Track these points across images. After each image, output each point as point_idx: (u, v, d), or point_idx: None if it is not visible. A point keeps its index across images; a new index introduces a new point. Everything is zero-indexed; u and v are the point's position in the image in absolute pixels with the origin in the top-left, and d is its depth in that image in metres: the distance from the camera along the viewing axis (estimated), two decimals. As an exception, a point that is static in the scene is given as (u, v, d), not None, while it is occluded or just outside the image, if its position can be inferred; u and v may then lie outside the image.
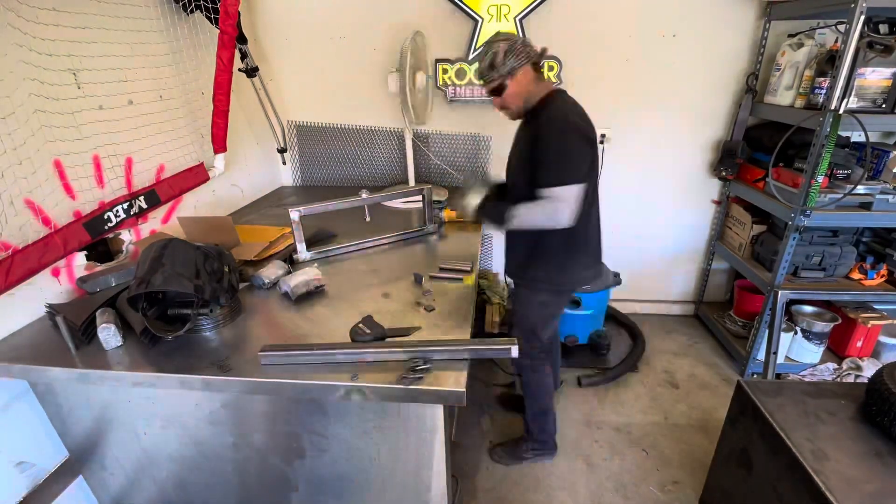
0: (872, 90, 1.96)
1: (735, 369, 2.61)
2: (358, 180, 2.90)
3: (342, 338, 1.26)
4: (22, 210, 1.29)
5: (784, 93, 2.25)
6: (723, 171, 2.56)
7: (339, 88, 2.67)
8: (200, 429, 1.30)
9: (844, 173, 2.12)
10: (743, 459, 1.53)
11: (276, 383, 1.11)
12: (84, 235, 1.45)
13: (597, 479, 1.95)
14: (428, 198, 1.93)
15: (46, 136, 1.36)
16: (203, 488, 1.44)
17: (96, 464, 1.44)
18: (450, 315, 1.37)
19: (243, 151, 2.48)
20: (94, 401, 1.30)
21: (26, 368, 1.20)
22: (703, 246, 2.96)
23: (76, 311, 1.29)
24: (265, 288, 1.53)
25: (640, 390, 2.45)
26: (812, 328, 2.35)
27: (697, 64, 2.48)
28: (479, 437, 2.16)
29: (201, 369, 1.14)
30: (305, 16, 2.51)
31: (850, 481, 1.18)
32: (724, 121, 2.60)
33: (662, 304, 3.16)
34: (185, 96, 1.93)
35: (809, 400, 1.46)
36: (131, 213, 1.63)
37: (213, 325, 1.31)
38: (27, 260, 1.27)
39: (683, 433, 2.17)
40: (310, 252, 1.77)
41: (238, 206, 2.43)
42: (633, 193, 2.81)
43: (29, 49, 1.30)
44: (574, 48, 2.48)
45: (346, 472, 1.30)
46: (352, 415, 1.20)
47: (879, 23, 1.92)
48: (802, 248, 2.26)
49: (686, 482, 1.93)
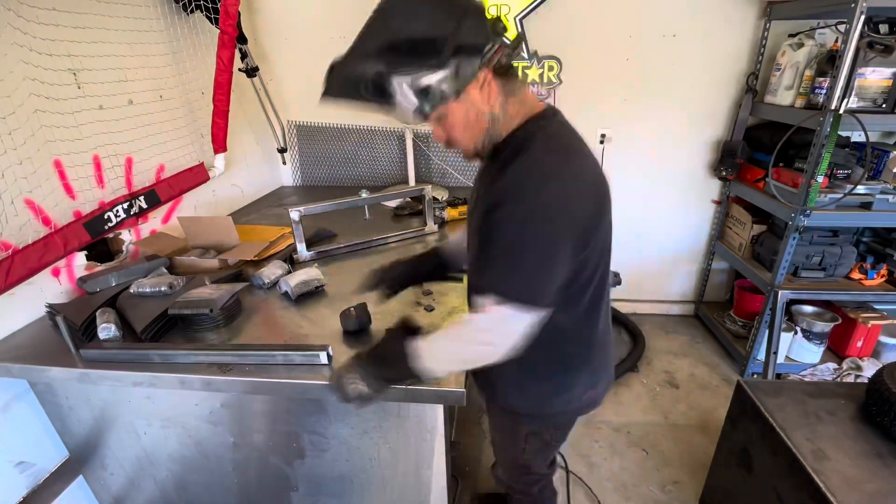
0: (873, 90, 1.96)
1: (735, 369, 2.61)
2: (358, 180, 2.90)
3: (342, 337, 1.26)
4: (22, 210, 1.29)
5: (784, 93, 2.25)
6: (723, 170, 2.56)
7: (340, 88, 2.66)
8: (200, 429, 1.30)
9: (844, 173, 2.12)
10: (743, 459, 1.53)
11: (276, 383, 1.11)
12: (84, 235, 1.45)
13: (597, 479, 1.95)
14: (428, 198, 1.93)
15: (46, 136, 1.36)
16: (203, 488, 1.44)
17: (96, 463, 1.44)
18: (450, 315, 1.37)
19: (243, 151, 2.48)
20: (95, 400, 1.30)
21: (26, 368, 1.20)
22: (703, 246, 2.96)
23: (76, 311, 1.29)
24: (265, 288, 1.53)
25: (640, 390, 2.45)
26: (812, 328, 2.35)
27: (697, 64, 2.48)
28: (479, 437, 2.16)
29: (201, 369, 1.14)
30: (305, 16, 2.51)
31: (851, 481, 1.18)
32: (724, 121, 2.60)
33: (662, 304, 3.16)
34: (185, 96, 1.93)
35: (809, 400, 1.45)
36: (131, 213, 1.63)
37: (212, 324, 1.31)
38: (27, 260, 1.27)
39: (683, 433, 2.17)
40: (310, 252, 1.77)
41: (238, 206, 2.43)
42: (633, 193, 2.81)
43: (29, 49, 1.30)
44: (574, 48, 2.48)
45: (346, 472, 1.30)
46: (352, 415, 1.20)
47: (879, 23, 1.92)
48: (802, 248, 2.26)
49: (686, 482, 1.93)
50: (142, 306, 1.31)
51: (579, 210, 0.85)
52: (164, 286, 1.36)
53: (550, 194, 0.82)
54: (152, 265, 1.50)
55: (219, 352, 1.16)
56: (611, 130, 2.63)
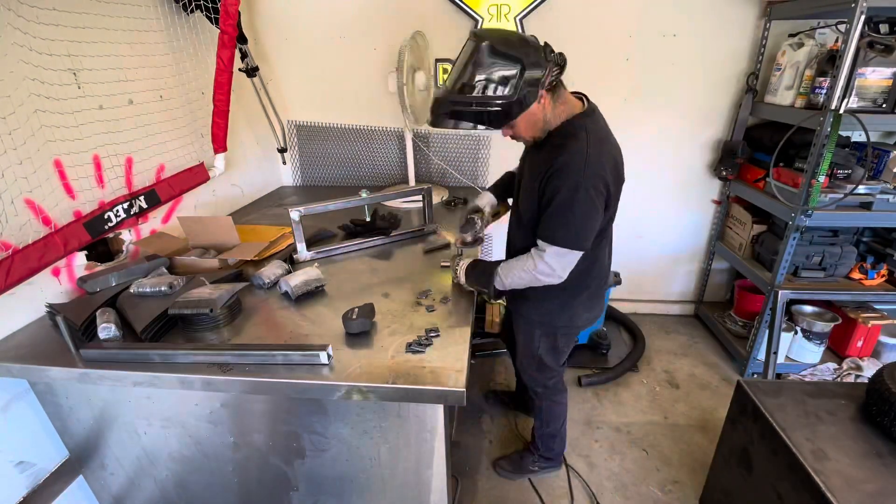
0: (873, 90, 1.96)
1: (735, 369, 2.61)
2: (358, 180, 2.90)
3: (342, 337, 1.26)
4: (22, 210, 1.29)
5: (784, 92, 2.25)
6: (723, 170, 2.56)
7: (339, 88, 2.67)
8: (200, 428, 1.30)
9: (845, 173, 2.12)
10: (743, 459, 1.53)
11: (276, 383, 1.11)
12: (84, 235, 1.45)
13: (597, 479, 1.95)
14: (428, 198, 1.93)
15: (46, 135, 1.36)
16: (203, 488, 1.44)
17: (96, 463, 1.44)
18: (450, 314, 1.37)
19: (243, 151, 2.48)
20: (95, 400, 1.30)
21: (26, 368, 1.20)
22: (704, 246, 2.96)
23: (76, 311, 1.29)
24: (265, 288, 1.53)
25: (640, 390, 2.45)
26: (812, 328, 2.35)
27: (697, 64, 2.48)
28: (480, 437, 2.16)
29: (201, 369, 1.14)
30: (305, 16, 2.51)
31: (851, 481, 1.18)
32: (724, 120, 2.60)
33: (662, 303, 3.16)
34: (185, 96, 1.93)
35: (809, 400, 1.45)
36: (131, 213, 1.63)
37: (212, 324, 1.31)
38: (27, 260, 1.27)
39: (683, 433, 2.17)
40: (310, 252, 1.77)
41: (238, 205, 2.44)
42: (634, 193, 2.79)
43: (29, 49, 1.30)
44: (574, 48, 2.45)
45: (347, 472, 1.30)
46: (352, 414, 1.20)
47: (880, 22, 1.92)
48: (803, 247, 2.26)
49: (686, 482, 1.93)
50: (142, 306, 1.31)
51: (607, 182, 1.24)
52: (164, 286, 1.36)
53: (590, 172, 1.21)
54: (152, 265, 1.51)
55: (219, 352, 1.17)
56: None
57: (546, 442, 1.88)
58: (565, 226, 1.24)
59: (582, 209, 1.22)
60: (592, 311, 1.56)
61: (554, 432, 1.86)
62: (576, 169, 1.20)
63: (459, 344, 1.22)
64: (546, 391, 1.74)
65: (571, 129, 1.25)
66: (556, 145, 1.26)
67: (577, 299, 1.49)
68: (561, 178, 1.21)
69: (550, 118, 1.26)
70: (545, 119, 1.25)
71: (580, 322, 1.55)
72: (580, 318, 1.54)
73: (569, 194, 1.21)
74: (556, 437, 1.87)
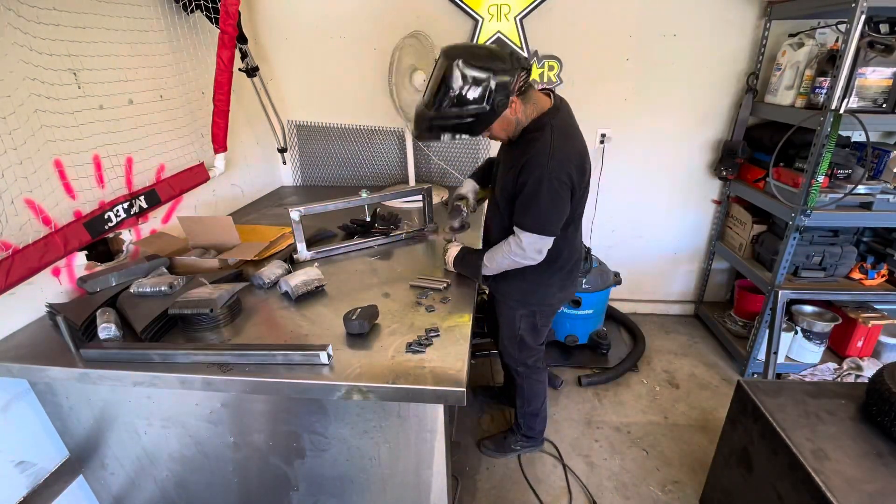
0: (873, 90, 1.96)
1: (735, 369, 2.61)
2: (358, 180, 2.90)
3: (342, 337, 1.26)
4: (22, 210, 1.29)
5: (784, 92, 2.25)
6: (723, 170, 2.56)
7: (339, 88, 2.67)
8: (201, 428, 1.30)
9: (845, 173, 2.12)
10: (743, 459, 1.53)
11: (276, 383, 1.11)
12: (84, 235, 1.45)
13: (597, 479, 1.95)
14: (428, 198, 1.93)
15: (46, 135, 1.36)
16: (203, 488, 1.44)
17: (97, 463, 1.44)
18: (450, 314, 1.37)
19: (243, 151, 2.48)
20: (95, 400, 1.30)
21: (27, 368, 1.20)
22: (704, 246, 2.96)
23: (76, 311, 1.29)
24: (265, 288, 1.53)
25: (640, 390, 2.45)
26: (812, 328, 2.35)
27: (697, 64, 2.48)
28: (480, 437, 2.16)
29: (201, 369, 1.14)
30: (305, 16, 2.51)
31: (851, 481, 1.18)
32: (724, 120, 2.60)
33: (662, 303, 3.16)
34: (185, 96, 1.93)
35: (810, 400, 1.45)
36: (131, 213, 1.63)
37: (212, 324, 1.31)
38: (27, 260, 1.27)
39: (683, 433, 2.17)
40: (310, 252, 1.77)
41: (238, 205, 2.44)
42: (634, 193, 2.81)
43: (29, 49, 1.30)
44: (574, 48, 2.48)
45: (347, 472, 1.30)
46: (352, 414, 1.20)
47: (880, 22, 1.92)
48: (803, 247, 2.26)
49: (686, 482, 1.93)
50: (142, 306, 1.31)
51: (571, 173, 1.35)
52: (164, 286, 1.36)
53: (554, 165, 1.31)
54: (152, 265, 1.51)
55: (219, 352, 1.17)
56: (611, 130, 2.63)
57: (528, 421, 1.98)
58: (534, 214, 1.37)
59: (547, 199, 1.33)
60: (565, 290, 1.68)
61: (535, 411, 1.95)
62: (541, 162, 1.31)
63: (459, 344, 1.22)
64: (527, 370, 1.84)
65: (539, 126, 1.37)
66: (526, 140, 1.38)
67: (552, 279, 1.61)
68: (528, 171, 1.33)
69: (522, 118, 1.37)
70: (517, 121, 1.37)
71: (554, 301, 1.68)
72: (554, 298, 1.67)
73: (535, 186, 1.33)
74: (538, 415, 1.97)
